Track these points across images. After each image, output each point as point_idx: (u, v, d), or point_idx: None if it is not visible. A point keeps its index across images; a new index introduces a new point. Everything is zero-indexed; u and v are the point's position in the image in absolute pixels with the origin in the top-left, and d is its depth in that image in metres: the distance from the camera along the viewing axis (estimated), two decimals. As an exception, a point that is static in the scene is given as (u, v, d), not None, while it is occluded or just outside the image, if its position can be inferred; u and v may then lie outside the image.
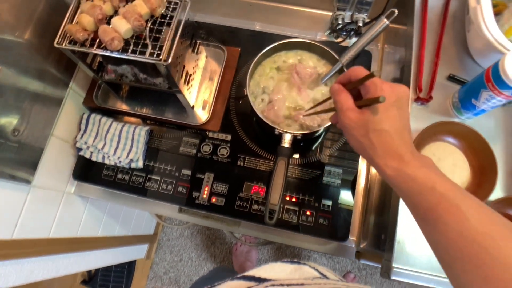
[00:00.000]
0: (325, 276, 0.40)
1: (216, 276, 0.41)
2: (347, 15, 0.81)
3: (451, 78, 0.66)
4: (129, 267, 1.44)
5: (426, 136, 0.61)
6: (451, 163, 0.61)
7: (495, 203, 0.57)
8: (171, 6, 0.62)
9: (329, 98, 0.57)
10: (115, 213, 1.02)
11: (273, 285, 0.32)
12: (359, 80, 0.40)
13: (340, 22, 0.79)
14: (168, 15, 0.61)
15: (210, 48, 0.80)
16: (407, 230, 0.60)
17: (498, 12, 0.61)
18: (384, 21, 0.64)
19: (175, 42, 0.59)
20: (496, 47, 0.57)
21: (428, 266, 0.58)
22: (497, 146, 0.64)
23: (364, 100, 0.39)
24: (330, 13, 0.84)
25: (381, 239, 0.66)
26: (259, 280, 0.37)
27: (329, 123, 0.63)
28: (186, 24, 0.65)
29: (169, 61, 0.58)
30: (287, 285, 0.31)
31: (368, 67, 0.79)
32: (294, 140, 0.66)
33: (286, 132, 0.64)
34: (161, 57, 0.57)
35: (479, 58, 0.66)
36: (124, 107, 0.77)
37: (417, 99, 0.64)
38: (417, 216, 0.36)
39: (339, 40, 0.84)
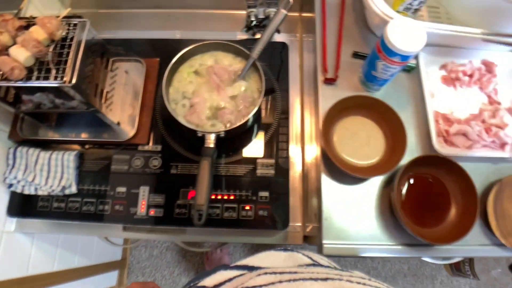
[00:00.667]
0: (318, 264, 0.41)
1: (207, 273, 0.41)
2: (260, 11, 0.83)
3: (356, 55, 0.68)
4: (102, 297, 1.40)
5: (336, 113, 0.63)
6: (366, 135, 0.64)
7: (410, 165, 0.60)
8: (71, 28, 0.62)
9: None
10: (70, 244, 1.00)
11: (266, 273, 0.32)
12: None
13: (253, 18, 0.82)
14: (68, 37, 0.61)
15: (130, 62, 0.80)
16: (333, 207, 0.62)
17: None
18: (282, 11, 0.67)
19: (77, 63, 0.59)
20: (386, 20, 0.60)
21: (359, 236, 0.60)
22: (408, 111, 0.67)
23: None
24: (244, 12, 0.86)
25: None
26: (252, 268, 0.37)
27: (251, 114, 0.64)
28: (90, 43, 0.65)
29: (73, 81, 0.58)
30: (280, 273, 0.31)
31: (285, 57, 0.82)
32: (219, 139, 0.67)
33: (208, 132, 0.65)
34: (64, 79, 0.58)
35: (377, 32, 0.69)
36: (50, 135, 0.76)
37: (325, 80, 0.66)
38: None
39: (257, 36, 0.86)
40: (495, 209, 0.64)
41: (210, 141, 0.65)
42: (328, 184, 0.62)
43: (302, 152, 0.77)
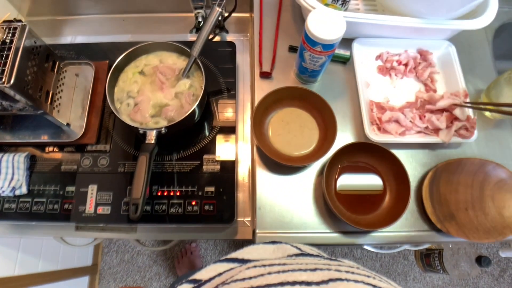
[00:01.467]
0: (307, 253, 0.41)
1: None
2: (206, 12, 0.85)
3: (291, 49, 0.70)
4: (75, 303, 1.40)
5: (269, 104, 0.64)
6: (299, 125, 0.65)
7: (340, 152, 0.61)
8: (11, 31, 0.64)
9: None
10: (33, 248, 1.00)
11: (255, 266, 0.32)
12: None
13: (200, 20, 0.84)
14: (7, 41, 0.63)
15: (81, 66, 0.82)
16: (269, 196, 0.63)
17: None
18: (217, 9, 0.69)
19: (16, 64, 0.61)
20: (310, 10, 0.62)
21: (294, 225, 0.61)
22: (344, 101, 0.69)
23: None
24: (192, 14, 0.89)
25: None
26: (242, 261, 0.38)
27: (192, 109, 0.66)
28: (32, 46, 0.67)
29: (11, 82, 0.60)
30: (269, 265, 0.32)
31: (233, 57, 0.83)
32: (161, 135, 0.68)
33: (149, 129, 0.66)
34: (3, 80, 0.59)
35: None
36: (4, 137, 0.78)
37: (261, 74, 0.68)
38: None
39: (210, 37, 0.88)
40: (431, 195, 0.65)
41: (151, 138, 0.67)
42: (262, 175, 0.63)
43: (252, 149, 0.78)
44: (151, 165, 0.64)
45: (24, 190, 0.73)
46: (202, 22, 0.84)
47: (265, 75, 0.68)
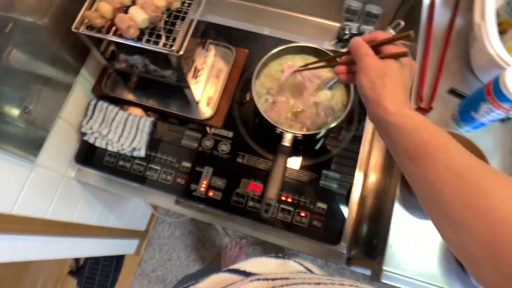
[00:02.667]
0: (310, 271, 0.41)
1: (202, 274, 0.43)
2: (354, 26, 0.84)
3: (452, 92, 0.68)
4: (117, 262, 1.43)
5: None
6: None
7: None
8: (186, 1, 0.65)
9: (334, 56, 0.64)
10: (110, 204, 1.03)
11: (258, 279, 0.33)
12: (394, 37, 0.45)
13: (347, 32, 0.82)
14: (183, 10, 0.64)
15: (219, 47, 0.82)
16: (400, 235, 0.61)
17: (502, 31, 0.64)
18: (390, 32, 0.67)
19: (188, 36, 0.61)
20: (499, 63, 0.60)
21: (419, 272, 0.59)
22: (494, 162, 0.65)
23: (392, 53, 0.44)
24: (337, 24, 0.87)
25: (373, 244, 0.66)
26: (244, 273, 0.38)
27: (331, 126, 0.65)
28: (199, 21, 0.67)
29: (181, 52, 0.60)
30: (272, 279, 0.32)
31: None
32: (295, 140, 0.67)
33: (287, 131, 0.66)
34: (173, 48, 0.60)
35: (481, 73, 0.68)
36: (131, 97, 0.79)
37: (418, 109, 0.66)
38: (406, 155, 0.39)
39: (344, 50, 0.87)
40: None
41: (288, 140, 0.66)
42: (399, 213, 0.62)
43: (364, 177, 0.76)
44: (285, 168, 0.64)
45: (142, 153, 0.75)
46: (347, 35, 0.83)
47: (422, 111, 0.65)
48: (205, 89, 0.78)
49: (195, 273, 0.81)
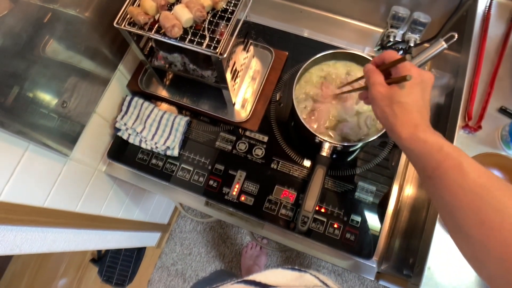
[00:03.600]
0: (326, 285, 0.40)
1: (217, 279, 0.43)
2: (399, 34, 0.80)
3: (503, 111, 0.64)
4: (138, 253, 1.45)
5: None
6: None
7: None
8: (232, 1, 0.63)
9: (359, 78, 0.64)
10: (137, 198, 1.03)
11: None
12: (392, 62, 0.47)
13: (391, 39, 0.79)
14: (229, 10, 0.62)
15: (258, 48, 0.80)
16: (439, 257, 0.58)
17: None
18: (442, 44, 0.63)
19: (233, 38, 0.60)
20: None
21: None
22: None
23: (393, 78, 0.46)
24: (381, 29, 0.84)
25: (408, 262, 0.64)
26: (260, 285, 0.37)
27: (372, 138, 0.63)
28: (243, 21, 0.65)
29: (225, 55, 0.58)
30: None
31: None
32: (333, 150, 0.66)
33: (327, 141, 0.64)
34: (217, 50, 0.58)
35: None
36: (165, 94, 0.79)
37: (465, 127, 0.63)
38: (425, 175, 0.41)
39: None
40: None
41: (328, 150, 0.64)
42: (439, 234, 0.59)
43: (399, 190, 0.74)
44: (324, 179, 0.62)
45: (175, 152, 0.74)
46: (391, 42, 0.80)
47: (470, 130, 0.62)
48: (242, 90, 0.77)
49: (209, 277, 0.81)
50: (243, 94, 0.77)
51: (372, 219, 0.69)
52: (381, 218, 0.70)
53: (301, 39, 0.85)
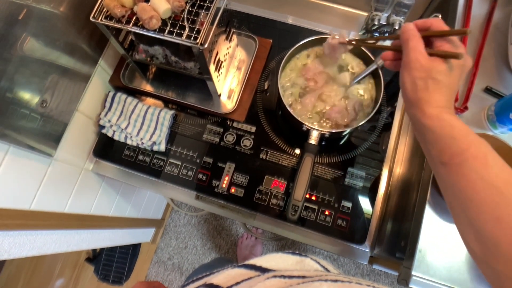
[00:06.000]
0: (326, 269, 0.40)
1: (217, 265, 0.42)
2: (383, 17, 0.79)
3: (488, 91, 0.64)
4: (133, 249, 1.45)
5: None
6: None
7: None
8: (210, -10, 0.61)
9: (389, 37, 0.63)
10: (128, 195, 1.02)
11: (275, 276, 0.32)
12: (443, 31, 0.42)
13: (376, 23, 0.78)
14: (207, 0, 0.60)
15: (241, 37, 0.79)
16: (430, 239, 0.59)
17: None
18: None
19: (213, 27, 0.58)
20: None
21: (448, 278, 0.58)
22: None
23: (440, 51, 0.41)
24: (365, 13, 0.83)
25: (400, 245, 0.65)
26: (260, 269, 0.37)
27: (361, 124, 0.62)
28: (224, 10, 0.64)
29: (206, 45, 0.57)
30: (289, 276, 0.31)
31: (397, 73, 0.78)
32: (321, 137, 0.65)
33: (314, 128, 0.63)
34: (198, 40, 0.56)
35: (519, 72, 0.64)
36: (149, 88, 0.77)
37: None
38: (440, 161, 0.38)
39: (372, 41, 0.83)
40: None
41: (315, 138, 0.64)
42: (429, 216, 0.60)
43: (389, 173, 0.74)
44: (313, 167, 0.62)
45: (162, 147, 0.73)
46: (376, 26, 0.79)
47: (457, 112, 0.62)
48: (227, 81, 0.76)
49: (210, 263, 0.81)
50: (229, 85, 0.76)
51: (363, 204, 0.70)
52: (372, 203, 0.70)
53: (285, 26, 0.83)
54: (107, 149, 0.76)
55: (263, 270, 0.36)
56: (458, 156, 0.36)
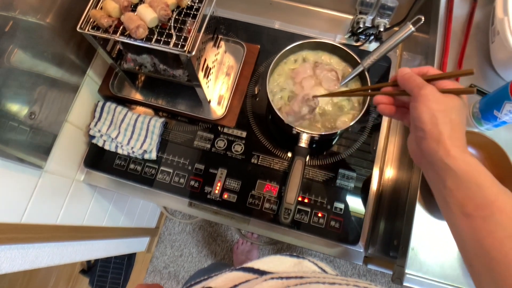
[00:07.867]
0: (324, 271, 0.40)
1: (215, 269, 0.41)
2: (368, 19, 0.81)
3: (472, 88, 0.66)
4: (129, 259, 1.43)
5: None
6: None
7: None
8: (197, -2, 0.62)
9: (358, 90, 0.64)
10: (120, 204, 1.01)
11: (272, 278, 0.32)
12: (456, 72, 0.42)
13: (361, 25, 0.79)
14: (194, 7, 0.61)
15: (229, 43, 0.79)
16: (422, 237, 0.60)
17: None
18: (410, 27, 0.64)
19: (200, 34, 0.59)
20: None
21: (441, 274, 0.58)
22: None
23: (455, 88, 0.40)
24: (351, 16, 0.84)
25: (393, 244, 0.65)
26: (258, 271, 0.37)
27: (349, 125, 0.63)
28: (211, 17, 0.64)
29: (193, 53, 0.57)
30: (286, 278, 0.31)
31: (387, 72, 0.79)
32: (311, 140, 0.66)
33: (304, 131, 0.64)
34: (185, 48, 0.57)
35: (502, 69, 0.66)
36: (139, 97, 0.77)
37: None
38: (461, 211, 0.34)
39: (358, 43, 0.84)
40: None
41: (305, 141, 0.64)
42: (420, 214, 0.61)
43: (380, 173, 0.75)
44: (304, 170, 0.62)
45: (153, 155, 0.73)
46: (361, 28, 0.80)
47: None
48: (216, 87, 0.76)
49: (207, 268, 0.80)
50: (218, 91, 0.76)
51: (355, 205, 0.70)
52: (365, 203, 0.71)
53: (272, 31, 0.84)
54: (98, 159, 0.75)
55: (261, 272, 0.36)
56: (484, 209, 0.32)
